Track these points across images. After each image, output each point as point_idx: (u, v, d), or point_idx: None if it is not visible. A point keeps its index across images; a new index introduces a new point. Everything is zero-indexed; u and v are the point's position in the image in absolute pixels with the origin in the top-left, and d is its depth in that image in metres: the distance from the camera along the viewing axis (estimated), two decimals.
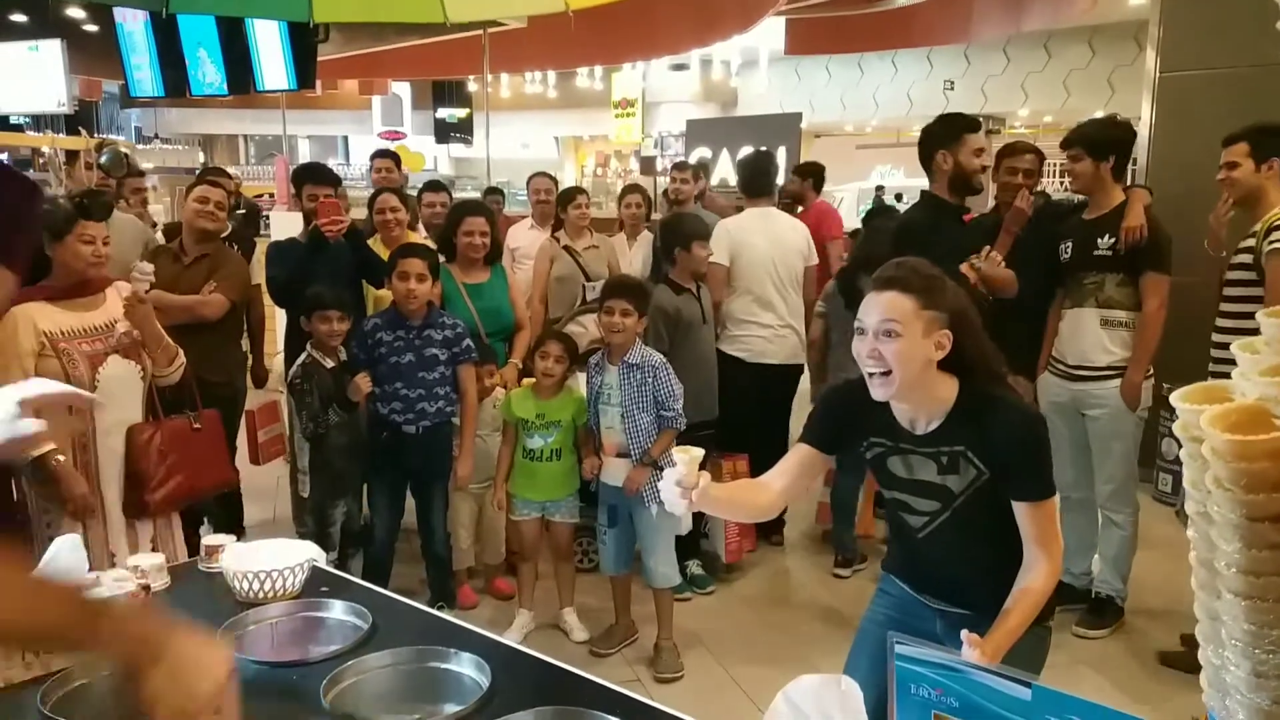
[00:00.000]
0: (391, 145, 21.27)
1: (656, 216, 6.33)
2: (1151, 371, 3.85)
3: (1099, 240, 3.81)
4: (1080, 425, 3.92)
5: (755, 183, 5.01)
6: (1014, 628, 1.91)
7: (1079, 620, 3.92)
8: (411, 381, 3.76)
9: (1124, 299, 3.79)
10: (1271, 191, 3.55)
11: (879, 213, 6.45)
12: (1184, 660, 3.48)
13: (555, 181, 5.91)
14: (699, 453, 1.85)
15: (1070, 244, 3.91)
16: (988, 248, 3.72)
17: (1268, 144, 3.56)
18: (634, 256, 5.66)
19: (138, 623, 1.14)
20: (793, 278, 4.77)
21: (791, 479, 2.17)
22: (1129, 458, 3.88)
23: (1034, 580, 1.96)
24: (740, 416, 4.52)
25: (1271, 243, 3.36)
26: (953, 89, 16.80)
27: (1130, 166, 4.79)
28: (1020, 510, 1.98)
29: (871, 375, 1.97)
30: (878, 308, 1.96)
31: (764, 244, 4.71)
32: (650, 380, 3.62)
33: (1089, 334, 3.84)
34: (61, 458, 2.87)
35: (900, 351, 1.92)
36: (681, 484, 1.83)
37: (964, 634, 1.79)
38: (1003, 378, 2.11)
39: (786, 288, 4.73)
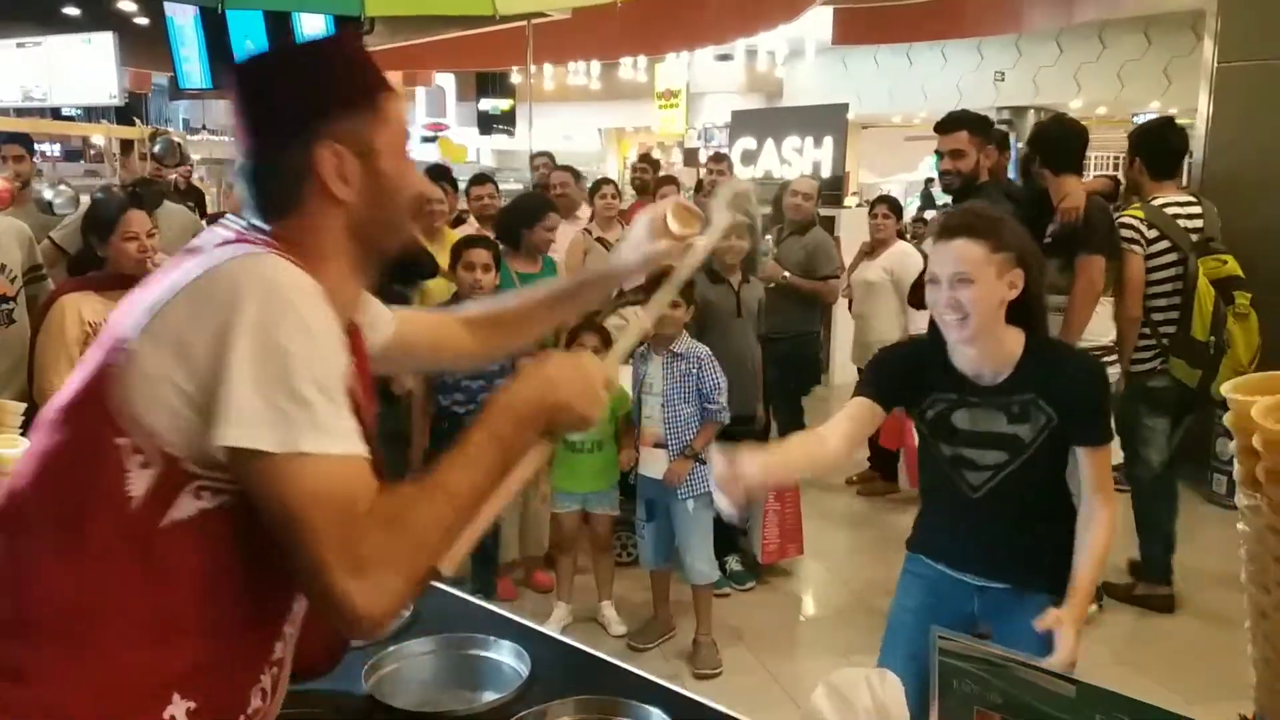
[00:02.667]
0: (434, 137, 21.46)
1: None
2: (1115, 358, 3.89)
3: (1046, 228, 3.81)
4: None
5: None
6: (1088, 587, 1.97)
7: None
8: (473, 373, 3.79)
9: (1065, 285, 3.77)
10: None
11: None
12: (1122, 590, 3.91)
13: (576, 174, 5.94)
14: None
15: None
16: None
17: None
18: None
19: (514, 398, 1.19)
20: None
21: (849, 431, 2.14)
22: None
23: (1097, 533, 2.01)
24: None
25: None
26: (1004, 80, 16.55)
27: (1187, 159, 4.71)
28: (1084, 456, 2.03)
29: (947, 323, 2.01)
30: (949, 257, 1.99)
31: None
32: (695, 371, 3.61)
33: None
34: None
35: (976, 297, 1.96)
36: (723, 482, 1.79)
37: (1045, 619, 1.86)
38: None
39: None
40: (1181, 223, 3.91)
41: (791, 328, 4.99)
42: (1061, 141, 3.92)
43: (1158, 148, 4.07)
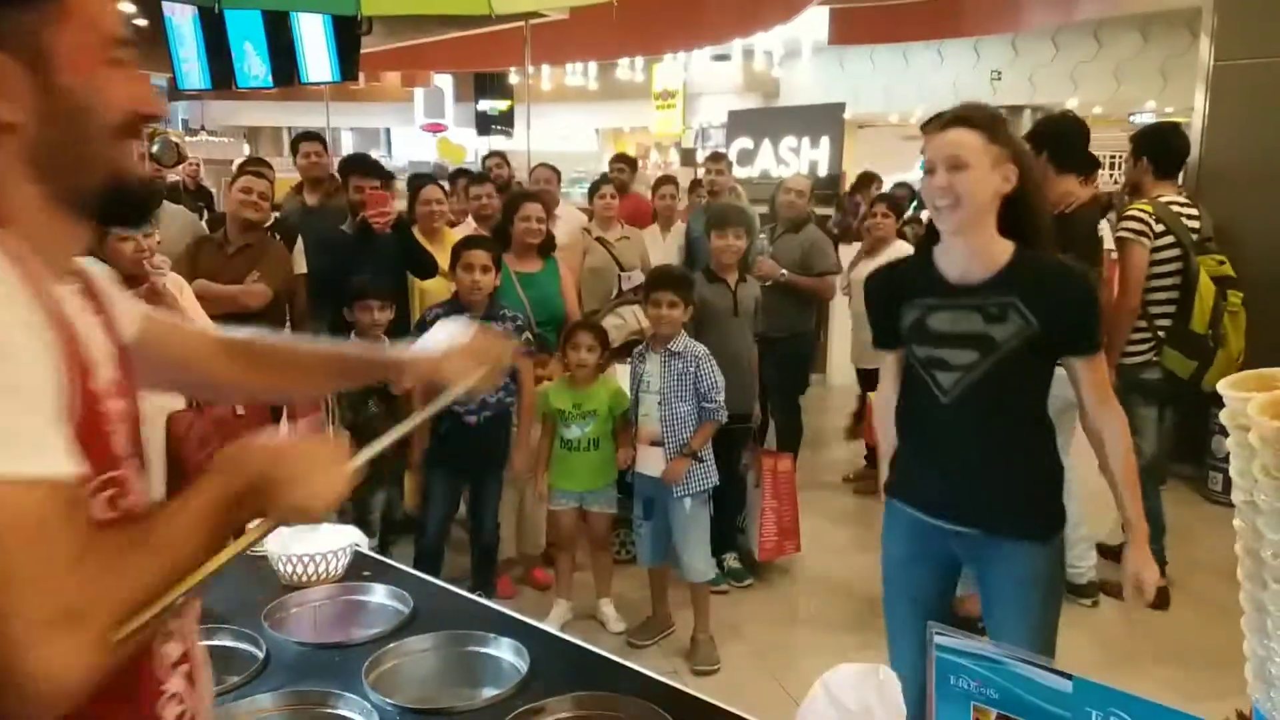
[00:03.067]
0: (433, 137, 21.46)
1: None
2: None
3: None
4: None
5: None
6: (1138, 519, 2.02)
7: None
8: None
9: None
10: None
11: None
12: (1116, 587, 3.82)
13: (557, 172, 5.95)
14: None
15: None
16: None
17: None
18: (668, 246, 5.67)
19: (239, 466, 1.00)
20: None
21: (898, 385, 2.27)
22: None
23: (1118, 455, 2.05)
24: None
25: None
26: (1000, 79, 16.56)
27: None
28: (1080, 367, 2.06)
29: (940, 209, 2.03)
30: (945, 143, 2.02)
31: None
32: (693, 370, 3.62)
33: None
34: None
35: (969, 182, 1.99)
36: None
37: (1126, 566, 2.00)
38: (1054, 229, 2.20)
39: None
40: (1183, 221, 3.98)
41: (788, 326, 5.00)
42: (1062, 138, 3.91)
43: (1162, 148, 4.14)
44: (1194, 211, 4.06)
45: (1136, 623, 3.99)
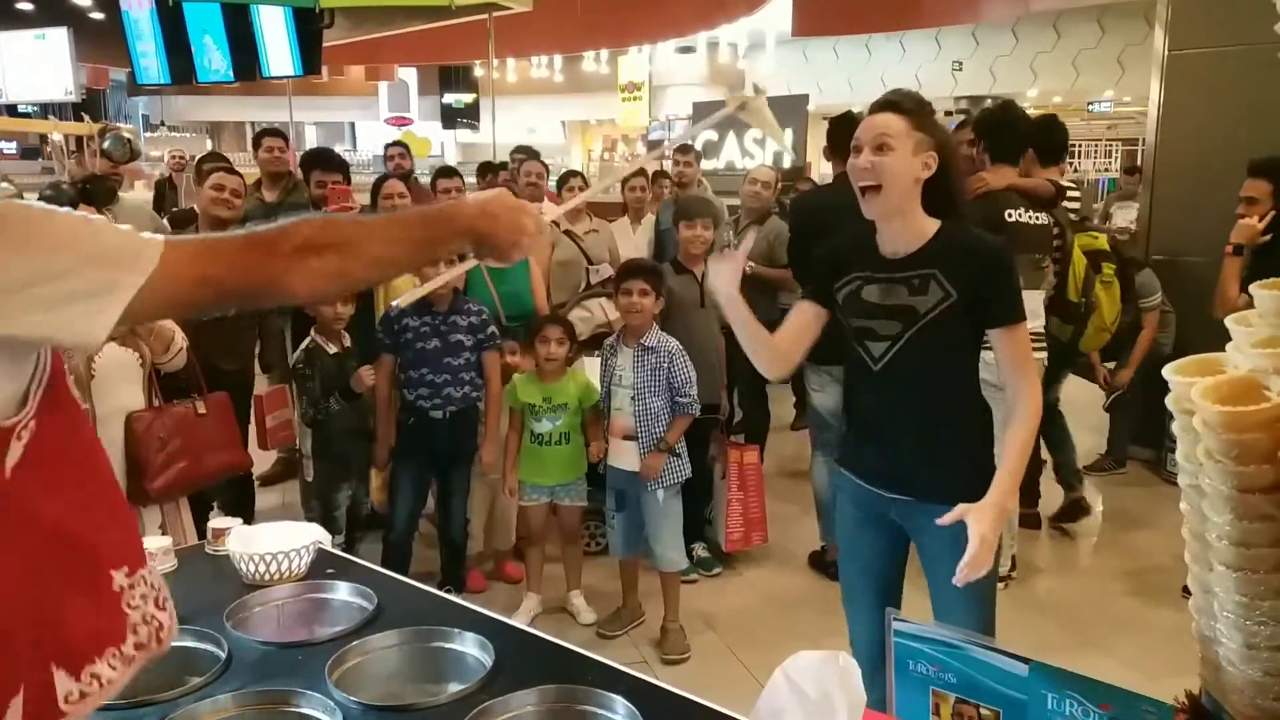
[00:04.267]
0: (399, 131, 21.31)
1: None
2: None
3: None
4: None
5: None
6: (1007, 480, 2.05)
7: None
8: (437, 367, 3.78)
9: None
10: None
11: None
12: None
13: (546, 166, 5.96)
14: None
15: None
16: None
17: None
18: (638, 239, 5.67)
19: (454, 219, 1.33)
20: None
21: (795, 328, 2.35)
22: None
23: (1022, 410, 2.10)
24: None
25: None
26: (961, 70, 16.71)
27: (1139, 147, 4.87)
28: (997, 338, 2.13)
29: (864, 192, 2.13)
30: (873, 124, 2.12)
31: None
32: (665, 364, 3.63)
33: None
34: None
35: (891, 164, 2.09)
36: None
37: (950, 514, 1.97)
38: (976, 209, 2.39)
39: None
40: (1065, 204, 4.34)
41: (756, 317, 5.01)
42: (1002, 129, 4.02)
43: (1046, 140, 4.31)
44: (1077, 194, 4.62)
45: (1099, 608, 4.05)
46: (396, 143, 7.08)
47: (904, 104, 2.13)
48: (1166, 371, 1.23)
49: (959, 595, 2.07)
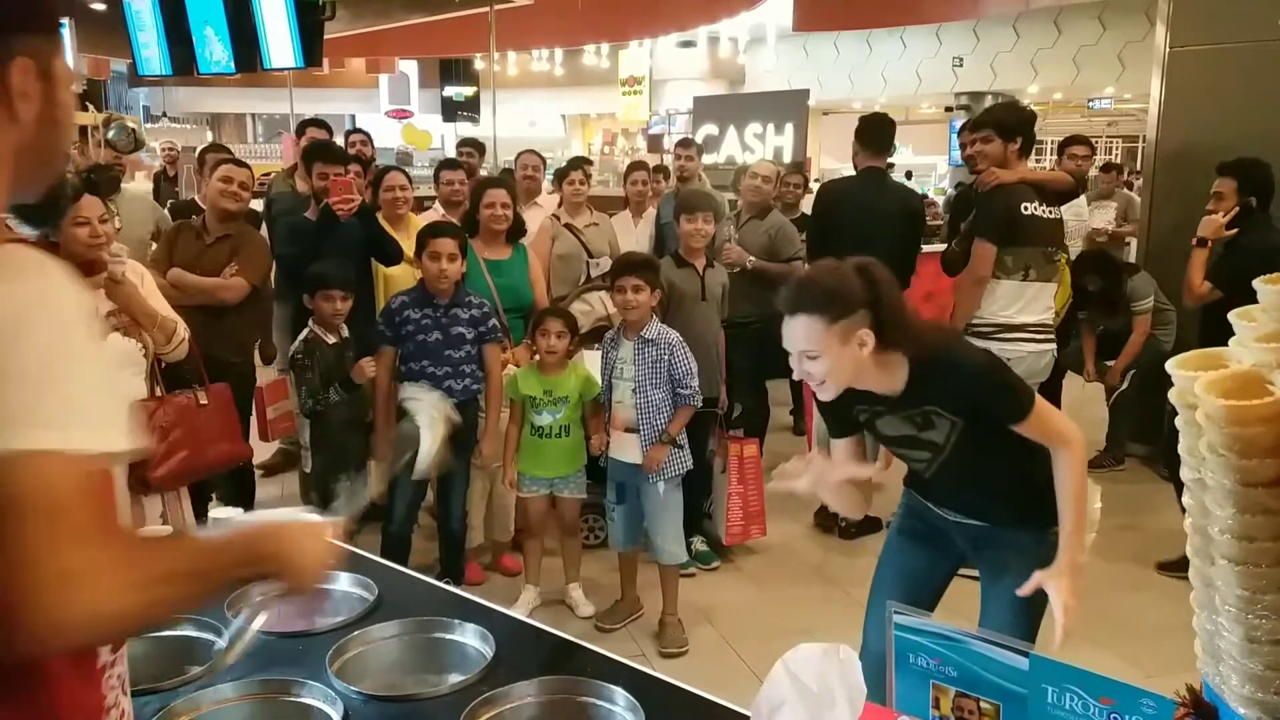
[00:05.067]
0: (399, 124, 21.28)
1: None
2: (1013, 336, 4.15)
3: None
4: None
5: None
6: (1074, 531, 2.06)
7: None
8: (438, 359, 3.78)
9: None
10: None
11: None
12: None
13: (544, 159, 5.93)
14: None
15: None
16: None
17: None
18: (639, 233, 5.66)
19: (257, 543, 1.18)
20: None
21: (849, 455, 2.33)
22: None
23: (1065, 473, 2.08)
24: None
25: None
26: (962, 66, 16.68)
27: (1140, 144, 4.90)
28: (1020, 430, 2.09)
29: (812, 385, 2.10)
30: (791, 337, 2.04)
31: None
32: (666, 357, 3.63)
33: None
34: None
35: (826, 369, 2.02)
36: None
37: (1029, 584, 2.02)
38: (937, 331, 2.30)
39: None
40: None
41: (755, 311, 5.01)
42: (1022, 126, 4.17)
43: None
44: None
45: (1101, 603, 4.04)
46: (357, 130, 6.79)
47: (813, 301, 1.99)
48: (1170, 365, 1.23)
49: (1009, 612, 2.15)
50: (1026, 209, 4.03)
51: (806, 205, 6.25)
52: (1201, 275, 4.24)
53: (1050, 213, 4.12)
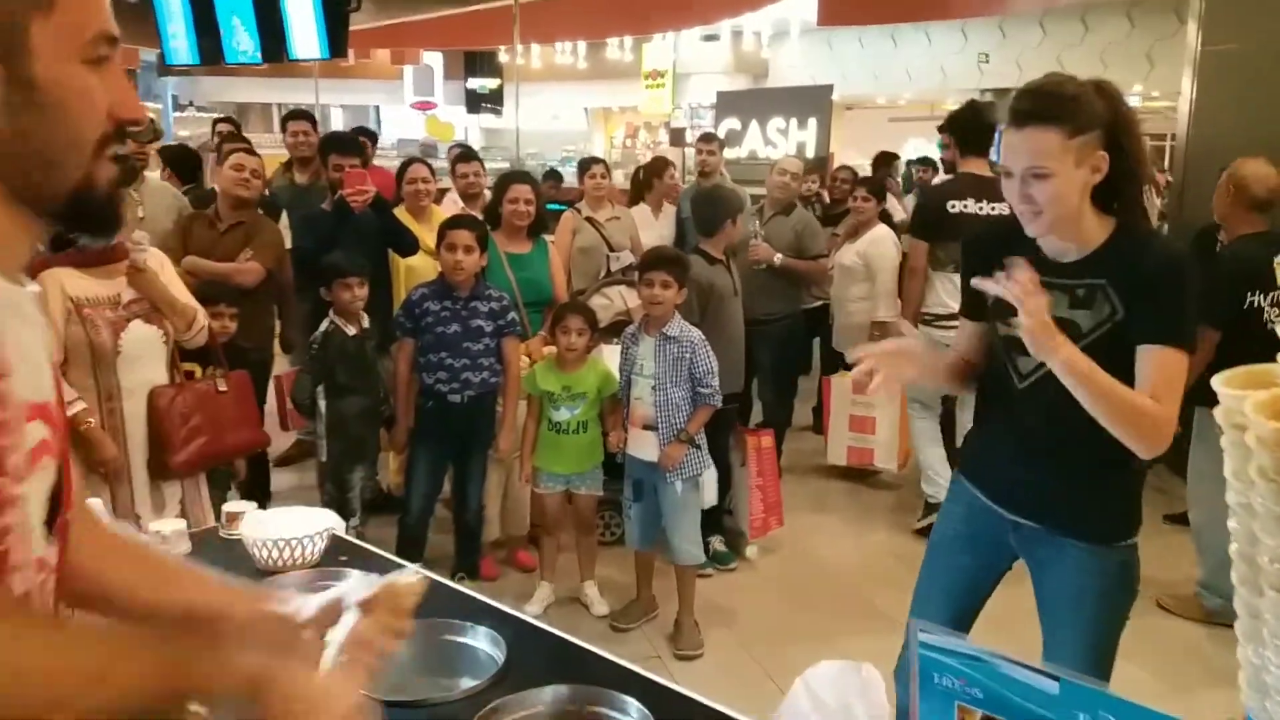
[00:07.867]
0: (423, 115, 21.31)
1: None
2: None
3: None
4: None
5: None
6: (1090, 374, 1.78)
7: None
8: (457, 352, 3.76)
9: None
10: None
11: None
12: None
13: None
14: None
15: None
16: None
17: None
18: (661, 227, 5.63)
19: (239, 663, 0.97)
20: None
21: (964, 351, 2.18)
22: None
23: (1133, 410, 1.80)
24: None
25: None
26: (987, 62, 16.51)
27: (1169, 143, 4.86)
28: (1145, 358, 1.81)
29: (1022, 214, 1.86)
30: (1021, 150, 1.81)
31: None
32: (688, 355, 3.59)
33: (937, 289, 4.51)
34: (92, 420, 2.93)
35: (1052, 191, 1.79)
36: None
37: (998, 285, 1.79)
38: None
39: None
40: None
41: (781, 308, 4.98)
42: (971, 126, 4.42)
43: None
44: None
45: (1134, 623, 3.97)
46: (302, 114, 5.61)
47: (1053, 109, 1.78)
48: (1216, 383, 1.17)
49: (1076, 641, 1.93)
50: (954, 207, 4.31)
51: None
52: None
53: (989, 209, 4.24)
